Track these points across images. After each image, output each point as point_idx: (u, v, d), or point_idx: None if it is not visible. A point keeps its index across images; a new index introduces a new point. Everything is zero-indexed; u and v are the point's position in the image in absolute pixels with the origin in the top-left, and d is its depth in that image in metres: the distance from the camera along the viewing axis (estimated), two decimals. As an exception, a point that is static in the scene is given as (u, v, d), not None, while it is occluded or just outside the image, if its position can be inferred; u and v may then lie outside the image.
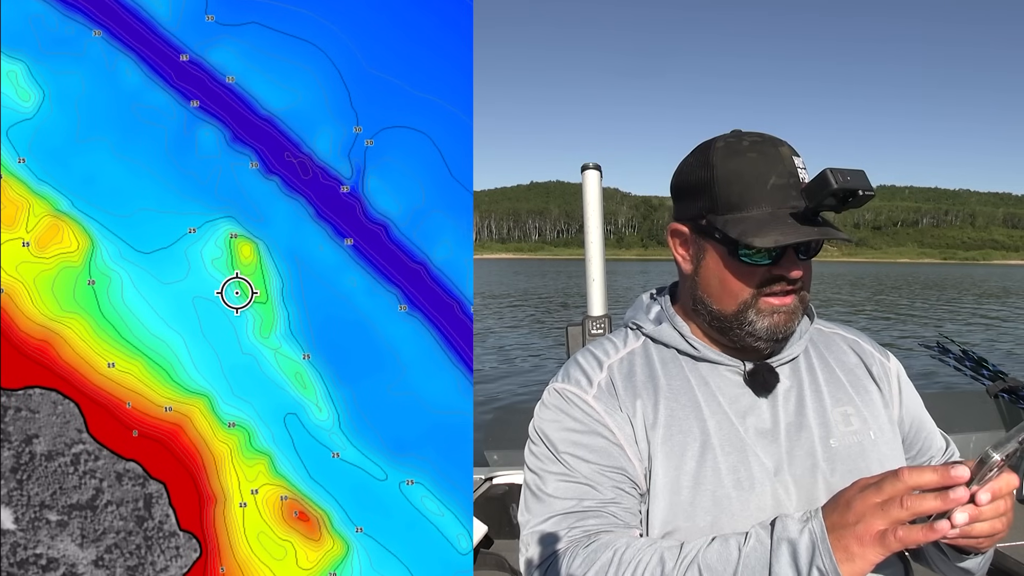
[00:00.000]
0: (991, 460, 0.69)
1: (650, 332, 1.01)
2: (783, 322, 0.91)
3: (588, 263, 2.44)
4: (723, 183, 0.92)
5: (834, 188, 0.82)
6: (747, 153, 0.91)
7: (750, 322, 0.92)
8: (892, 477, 0.71)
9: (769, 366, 0.95)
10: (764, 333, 0.92)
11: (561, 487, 0.89)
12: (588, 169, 2.43)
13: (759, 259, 0.90)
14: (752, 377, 0.94)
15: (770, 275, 0.90)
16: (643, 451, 0.91)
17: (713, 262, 0.95)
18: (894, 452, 0.96)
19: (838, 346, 1.04)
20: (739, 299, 0.92)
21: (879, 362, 1.03)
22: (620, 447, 0.91)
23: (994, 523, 0.75)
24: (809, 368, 0.99)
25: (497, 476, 2.41)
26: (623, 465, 0.90)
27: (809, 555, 0.72)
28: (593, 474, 0.89)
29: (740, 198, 0.91)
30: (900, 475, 0.69)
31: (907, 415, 1.02)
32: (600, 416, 0.92)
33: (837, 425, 0.93)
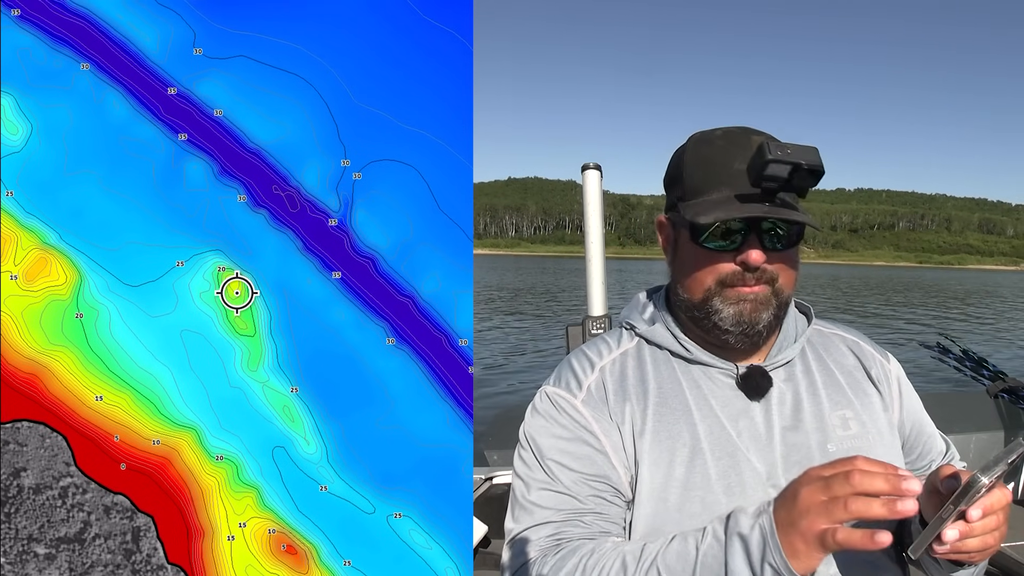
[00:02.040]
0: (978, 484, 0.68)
1: (643, 332, 1.00)
2: (749, 311, 0.89)
3: (588, 263, 2.44)
4: (690, 169, 0.92)
5: (767, 159, 0.79)
6: (717, 141, 0.91)
7: (716, 310, 0.90)
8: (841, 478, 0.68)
9: (762, 369, 0.93)
10: (729, 322, 0.90)
11: (544, 496, 0.90)
12: (588, 169, 2.43)
13: (722, 245, 0.89)
14: (745, 380, 0.92)
15: (735, 263, 0.88)
16: (629, 457, 0.90)
17: (683, 251, 0.94)
18: (893, 457, 0.94)
19: (837, 347, 1.02)
20: (704, 286, 0.91)
21: (879, 364, 1.02)
22: (605, 454, 0.91)
23: (985, 539, 0.75)
24: (806, 371, 0.97)
25: (497, 476, 2.41)
26: (607, 473, 0.90)
27: (760, 551, 0.71)
28: (575, 484, 0.89)
29: (703, 183, 0.90)
30: (850, 477, 0.67)
31: (907, 418, 1.01)
32: (587, 422, 0.92)
33: (835, 429, 0.92)
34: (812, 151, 0.80)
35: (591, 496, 0.89)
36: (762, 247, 0.87)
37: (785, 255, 0.90)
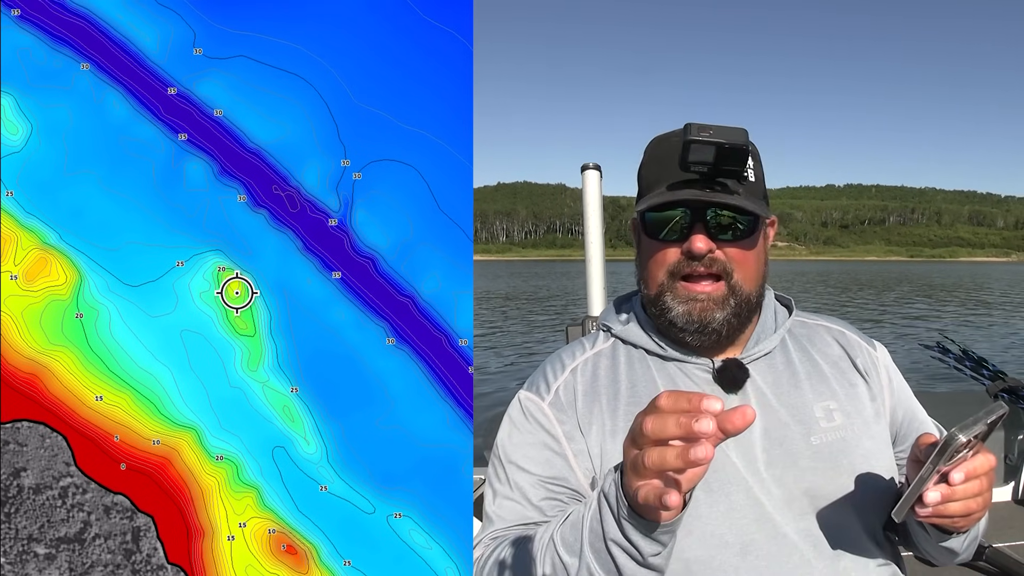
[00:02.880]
0: (955, 442, 0.66)
1: (618, 332, 1.00)
2: (698, 310, 0.89)
3: (588, 263, 2.44)
4: (644, 169, 0.94)
5: (686, 139, 0.80)
6: (672, 138, 0.92)
7: (668, 307, 0.91)
8: (638, 429, 0.62)
9: (739, 362, 0.92)
10: (680, 320, 0.90)
11: (504, 506, 0.92)
12: (588, 169, 2.43)
13: (667, 236, 0.89)
14: (720, 374, 0.92)
15: (681, 255, 0.89)
16: (595, 459, 0.91)
17: (642, 247, 0.95)
18: (880, 446, 0.93)
19: (822, 338, 1.01)
20: (657, 281, 0.92)
21: (865, 352, 1.00)
22: (564, 457, 0.92)
23: (968, 503, 0.74)
24: (787, 363, 0.96)
25: None
26: (564, 475, 0.91)
27: (616, 506, 0.70)
28: (531, 487, 0.91)
29: (652, 178, 0.91)
30: (644, 426, 0.60)
31: (899, 405, 0.99)
32: (551, 425, 0.94)
33: (819, 421, 0.91)
34: (737, 132, 0.80)
35: (546, 499, 0.90)
36: (707, 235, 0.87)
37: (741, 246, 0.89)
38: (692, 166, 0.82)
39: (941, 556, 0.89)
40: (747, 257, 0.90)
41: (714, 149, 0.80)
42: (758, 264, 0.92)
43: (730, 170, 0.82)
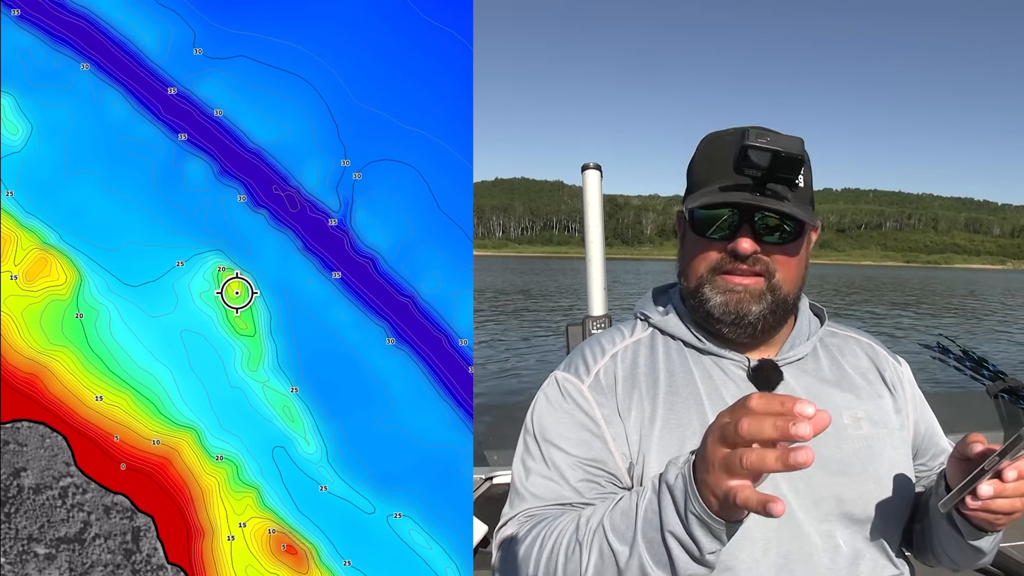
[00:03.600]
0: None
1: (657, 322, 1.01)
2: (735, 301, 0.90)
3: (588, 263, 2.44)
4: (695, 165, 0.95)
5: (744, 144, 0.81)
6: (726, 136, 0.93)
7: (707, 298, 0.92)
8: (733, 427, 0.61)
9: (774, 363, 0.94)
10: (718, 310, 0.91)
11: (538, 484, 0.91)
12: (588, 169, 2.43)
13: (714, 234, 0.90)
14: (756, 372, 0.93)
15: (726, 252, 0.90)
16: (633, 445, 0.91)
17: (687, 241, 0.97)
18: (902, 457, 0.95)
19: (851, 349, 1.03)
20: (698, 273, 0.93)
21: (892, 367, 1.03)
22: (603, 440, 0.92)
23: (1014, 501, 0.75)
24: (818, 369, 0.98)
25: (497, 476, 2.41)
26: (603, 458, 0.91)
27: (683, 499, 0.70)
28: (569, 467, 0.91)
29: (704, 176, 0.92)
30: (740, 426, 0.61)
31: (921, 420, 1.02)
32: (590, 407, 0.94)
33: (846, 428, 0.92)
34: (794, 141, 0.81)
35: (583, 481, 0.90)
36: (754, 237, 0.87)
37: (785, 250, 0.91)
38: (747, 170, 0.83)
39: (964, 557, 0.90)
40: (790, 261, 0.92)
41: (770, 156, 0.81)
42: (799, 268, 0.94)
43: (783, 177, 0.84)
